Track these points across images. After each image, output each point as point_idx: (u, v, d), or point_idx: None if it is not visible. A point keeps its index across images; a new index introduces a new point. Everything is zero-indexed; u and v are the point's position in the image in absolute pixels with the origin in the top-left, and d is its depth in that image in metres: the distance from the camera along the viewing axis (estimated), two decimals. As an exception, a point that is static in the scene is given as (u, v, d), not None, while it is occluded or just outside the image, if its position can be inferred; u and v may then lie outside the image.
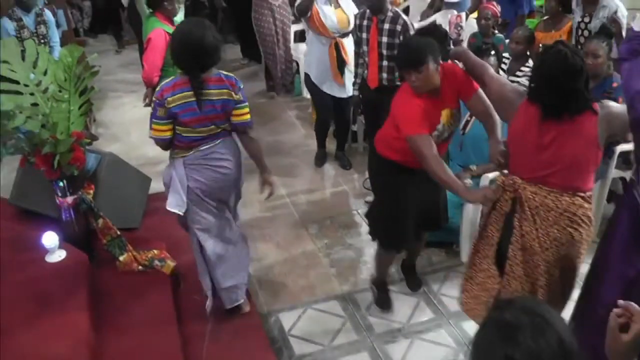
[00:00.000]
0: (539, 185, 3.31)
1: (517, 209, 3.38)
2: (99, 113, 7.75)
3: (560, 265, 3.40)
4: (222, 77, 3.76)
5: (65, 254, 4.09)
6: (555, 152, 3.23)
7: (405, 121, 3.72)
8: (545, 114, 3.21)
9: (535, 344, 1.56)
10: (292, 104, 8.07)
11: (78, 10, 11.58)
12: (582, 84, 3.16)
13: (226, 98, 3.76)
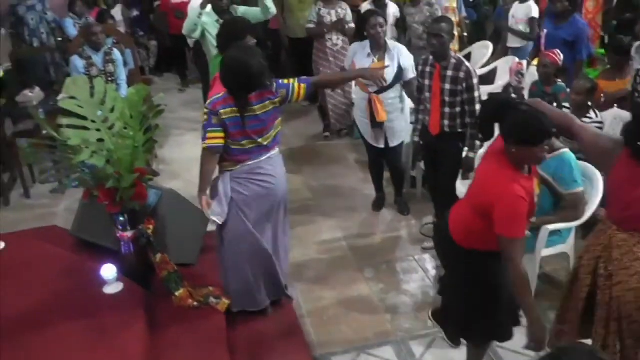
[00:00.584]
0: (630, 233, 3.23)
1: (605, 254, 3.31)
2: (160, 150, 7.88)
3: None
4: (267, 90, 4.15)
5: (122, 286, 4.15)
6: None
7: (509, 221, 3.26)
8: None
9: None
10: (351, 147, 8.08)
11: (145, 49, 11.86)
12: None
13: (271, 109, 4.19)
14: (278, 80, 4.23)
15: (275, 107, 4.19)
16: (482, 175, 3.57)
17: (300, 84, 4.24)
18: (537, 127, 3.21)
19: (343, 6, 7.96)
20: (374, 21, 5.74)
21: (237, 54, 4.10)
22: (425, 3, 8.11)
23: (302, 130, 8.63)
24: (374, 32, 5.75)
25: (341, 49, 7.95)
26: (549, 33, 7.25)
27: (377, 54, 5.82)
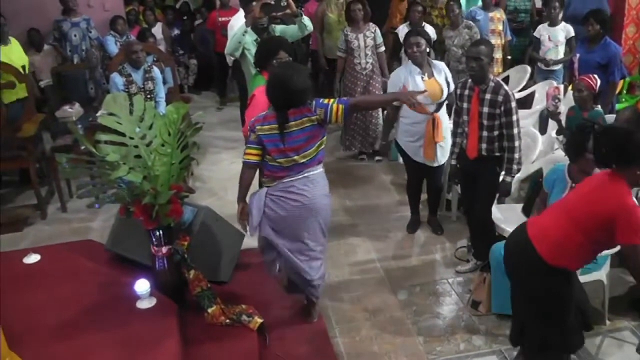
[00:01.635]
0: None
1: None
2: (197, 167, 7.94)
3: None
4: (304, 107, 4.23)
5: (155, 301, 4.18)
6: None
7: (634, 229, 3.40)
8: None
9: None
10: (387, 168, 8.07)
11: (184, 68, 12.03)
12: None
13: (308, 126, 4.26)
14: (318, 100, 4.29)
15: (313, 124, 4.23)
16: (595, 187, 3.62)
17: (339, 104, 4.27)
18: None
19: (372, 28, 7.96)
20: (412, 40, 5.79)
21: (283, 69, 4.36)
22: (464, 26, 8.12)
23: (337, 149, 8.64)
24: (410, 51, 5.79)
25: (370, 72, 7.97)
26: (582, 57, 7.21)
27: (425, 72, 5.86)
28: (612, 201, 3.46)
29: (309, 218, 4.46)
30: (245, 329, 4.38)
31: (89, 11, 9.79)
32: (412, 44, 5.78)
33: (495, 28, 8.58)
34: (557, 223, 3.68)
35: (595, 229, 3.51)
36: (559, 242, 3.64)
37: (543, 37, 8.19)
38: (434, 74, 5.86)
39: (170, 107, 4.49)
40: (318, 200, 4.45)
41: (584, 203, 3.61)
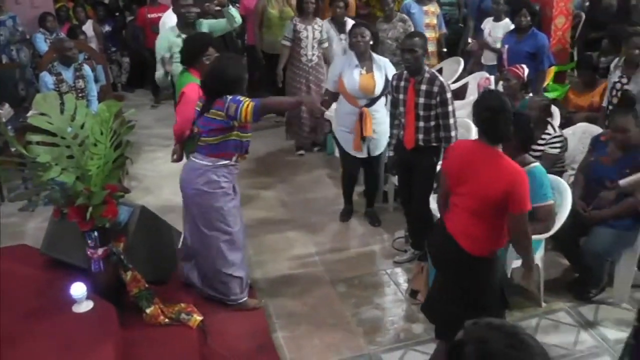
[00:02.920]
0: None
1: None
2: (132, 166, 7.83)
3: None
4: (220, 100, 4.36)
5: (92, 304, 4.10)
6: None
7: (525, 197, 3.62)
8: None
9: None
10: (324, 162, 8.10)
11: (117, 65, 11.84)
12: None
13: (216, 118, 4.41)
14: (235, 96, 4.37)
15: (221, 119, 4.40)
16: (485, 175, 3.68)
17: (250, 103, 4.33)
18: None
19: (319, 22, 8.00)
20: (357, 31, 5.84)
21: (222, 59, 4.62)
22: (398, 19, 8.18)
23: (274, 145, 8.63)
24: (355, 40, 5.83)
25: (316, 65, 8.01)
26: (511, 48, 7.36)
27: (365, 65, 5.89)
28: (506, 178, 3.60)
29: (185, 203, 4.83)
30: (184, 328, 4.36)
31: (17, 8, 9.60)
32: (357, 34, 5.84)
33: (430, 22, 8.67)
34: (464, 219, 3.78)
35: (497, 209, 3.65)
36: (473, 234, 3.75)
37: (485, 31, 8.31)
38: (373, 69, 5.90)
39: (102, 106, 4.42)
40: (184, 186, 4.72)
41: (481, 191, 3.68)
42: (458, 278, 3.90)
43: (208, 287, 4.89)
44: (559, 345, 4.60)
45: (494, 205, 3.65)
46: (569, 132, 6.03)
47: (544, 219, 4.64)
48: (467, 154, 3.84)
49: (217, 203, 4.62)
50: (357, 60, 5.89)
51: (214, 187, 4.59)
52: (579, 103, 6.35)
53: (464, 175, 3.79)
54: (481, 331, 1.72)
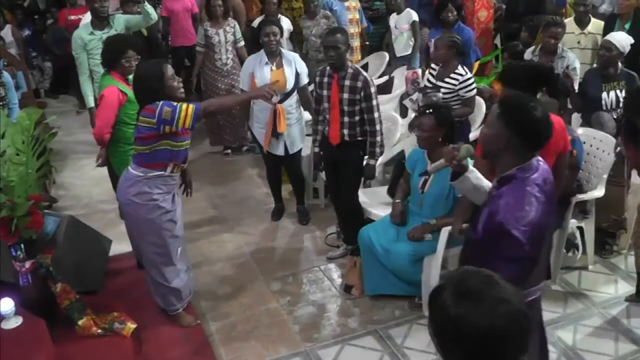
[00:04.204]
0: None
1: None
2: (58, 175, 7.70)
3: None
4: (150, 106, 4.13)
5: (22, 319, 4.02)
6: None
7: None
8: None
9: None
10: (253, 161, 8.08)
11: (39, 71, 11.58)
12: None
13: (145, 126, 4.15)
14: (169, 101, 4.13)
15: (150, 127, 4.12)
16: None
17: (189, 106, 4.13)
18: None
19: (231, 24, 7.94)
20: (267, 30, 5.84)
21: (142, 69, 4.37)
22: (322, 16, 8.22)
23: (202, 147, 8.56)
24: (267, 39, 5.84)
25: (231, 68, 7.96)
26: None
27: (274, 62, 5.90)
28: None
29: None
30: (118, 337, 4.32)
31: None
32: (267, 33, 5.84)
33: (352, 17, 8.75)
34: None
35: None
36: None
37: (391, 25, 8.44)
38: (283, 64, 5.92)
39: (22, 113, 4.36)
40: (118, 195, 4.53)
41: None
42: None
43: (153, 292, 4.75)
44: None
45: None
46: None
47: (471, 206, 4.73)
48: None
49: (148, 215, 4.36)
50: (266, 57, 5.91)
51: (145, 198, 4.31)
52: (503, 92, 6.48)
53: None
54: (459, 274, 1.86)
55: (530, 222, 2.68)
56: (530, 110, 2.80)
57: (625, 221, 5.53)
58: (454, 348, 1.77)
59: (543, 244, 2.85)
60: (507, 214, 2.70)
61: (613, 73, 5.43)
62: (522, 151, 2.83)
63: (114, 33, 6.27)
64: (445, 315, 1.76)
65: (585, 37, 6.93)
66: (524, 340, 1.75)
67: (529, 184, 2.78)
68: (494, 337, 1.71)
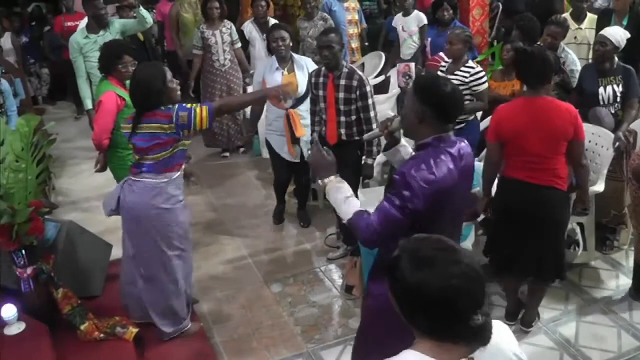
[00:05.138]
0: None
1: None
2: (58, 181, 7.71)
3: None
4: (157, 111, 4.04)
5: (24, 325, 4.03)
6: None
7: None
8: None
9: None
10: (251, 164, 8.10)
11: (37, 78, 11.58)
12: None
13: (154, 132, 4.05)
14: (181, 104, 4.10)
15: (158, 132, 4.05)
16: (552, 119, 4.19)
17: (202, 107, 4.09)
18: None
19: (227, 25, 7.93)
20: (276, 35, 5.83)
21: (138, 69, 4.33)
22: (319, 17, 8.22)
23: (200, 150, 8.56)
24: (275, 45, 5.82)
25: (229, 69, 7.96)
26: (433, 41, 7.49)
27: (286, 67, 5.89)
28: (566, 115, 4.19)
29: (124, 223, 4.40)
30: (121, 341, 4.31)
31: None
32: (276, 38, 5.82)
33: (352, 18, 8.77)
34: (548, 164, 4.30)
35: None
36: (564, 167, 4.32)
37: (399, 27, 8.40)
38: (295, 69, 5.91)
39: (20, 120, 4.36)
40: (139, 209, 4.23)
41: (553, 132, 4.22)
42: (556, 216, 4.38)
43: (156, 316, 4.52)
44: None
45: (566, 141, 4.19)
46: (492, 119, 6.16)
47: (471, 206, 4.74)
48: (520, 113, 4.27)
49: (178, 218, 4.34)
50: (277, 63, 5.89)
51: (174, 201, 4.28)
52: (500, 92, 6.47)
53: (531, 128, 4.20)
54: (412, 243, 1.97)
55: (430, 181, 2.86)
56: (440, 86, 2.98)
57: (625, 216, 5.53)
58: (416, 312, 1.90)
59: (446, 210, 3.01)
60: (412, 169, 2.90)
61: (609, 68, 5.42)
62: (437, 123, 3.01)
63: (109, 36, 6.39)
64: (405, 283, 1.88)
65: (581, 32, 6.93)
66: (479, 295, 1.87)
67: (442, 151, 2.98)
68: (451, 296, 1.82)
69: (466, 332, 1.86)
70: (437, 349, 1.89)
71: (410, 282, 1.86)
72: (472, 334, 1.86)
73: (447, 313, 1.84)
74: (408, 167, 2.92)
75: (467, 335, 1.87)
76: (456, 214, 3.17)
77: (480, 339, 1.88)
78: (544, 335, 4.63)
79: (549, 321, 4.78)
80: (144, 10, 6.52)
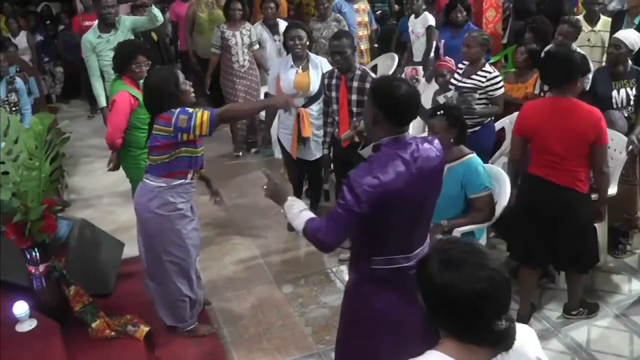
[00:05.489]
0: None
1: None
2: (70, 179, 7.73)
3: None
4: (166, 114, 4.03)
5: (36, 322, 4.05)
6: None
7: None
8: None
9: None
10: (263, 164, 8.10)
11: (51, 76, 11.62)
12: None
13: (161, 134, 4.05)
14: (184, 108, 4.05)
15: (166, 135, 4.03)
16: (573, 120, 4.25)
17: (204, 112, 4.03)
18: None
19: (247, 27, 7.97)
20: (292, 33, 5.85)
21: (151, 74, 4.35)
22: (332, 19, 8.22)
23: (212, 150, 8.55)
24: (292, 43, 5.84)
25: (248, 69, 8.01)
26: (447, 42, 7.47)
27: (300, 65, 5.90)
28: (588, 117, 4.23)
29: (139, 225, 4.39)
30: (132, 340, 4.33)
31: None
32: (293, 37, 5.84)
33: (361, 20, 8.74)
34: (566, 165, 4.35)
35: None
36: (585, 171, 4.36)
37: (409, 29, 8.40)
38: (309, 67, 5.92)
39: (35, 118, 4.37)
40: (138, 209, 4.29)
41: (573, 136, 4.26)
42: (575, 216, 4.41)
43: (160, 309, 4.57)
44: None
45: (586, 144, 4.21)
46: (506, 122, 6.13)
47: (483, 209, 4.72)
48: (543, 111, 4.38)
49: (174, 226, 4.26)
50: (292, 61, 5.91)
51: (170, 209, 4.21)
52: (514, 94, 6.45)
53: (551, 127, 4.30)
54: (442, 245, 2.05)
55: (374, 185, 2.88)
56: (393, 89, 3.00)
57: (637, 220, 5.51)
58: (442, 311, 1.96)
59: (402, 212, 3.04)
60: (359, 172, 2.95)
61: (622, 71, 5.39)
62: (389, 126, 3.04)
63: (120, 34, 6.48)
64: (432, 283, 1.95)
65: (595, 35, 6.91)
66: (503, 300, 1.94)
67: (392, 154, 3.00)
68: (476, 300, 1.88)
69: (489, 336, 1.91)
70: (461, 350, 1.94)
71: (438, 282, 1.93)
72: (496, 338, 1.92)
73: (471, 316, 1.90)
74: (355, 171, 2.97)
75: (490, 339, 1.92)
76: (417, 215, 3.17)
77: (504, 343, 1.93)
78: (556, 340, 4.61)
79: (561, 325, 4.76)
80: (155, 8, 6.57)
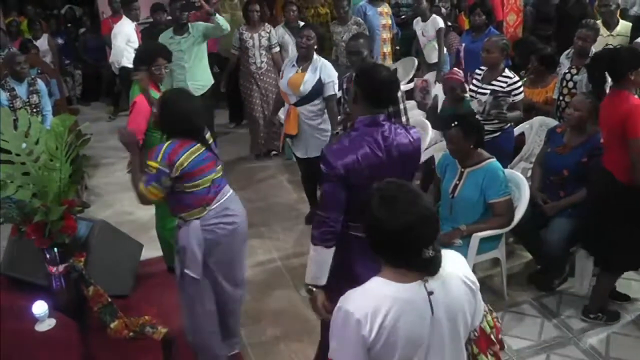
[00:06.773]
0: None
1: None
2: (90, 180, 7.78)
3: None
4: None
5: (55, 322, 4.06)
6: None
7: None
8: None
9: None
10: (283, 167, 8.12)
11: (71, 78, 11.70)
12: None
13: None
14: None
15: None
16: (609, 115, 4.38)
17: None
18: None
19: (267, 29, 8.02)
20: (303, 32, 6.00)
21: (175, 100, 4.09)
22: (353, 22, 8.23)
23: (231, 153, 8.59)
24: (299, 40, 5.99)
25: (266, 71, 8.10)
26: (468, 46, 7.46)
27: (302, 65, 5.99)
28: (621, 109, 4.21)
29: (242, 241, 4.33)
30: (150, 341, 4.31)
31: (-35, 25, 9.46)
32: (302, 36, 5.96)
33: (385, 22, 8.75)
34: (613, 154, 4.44)
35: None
36: (625, 160, 4.27)
37: (418, 32, 8.43)
38: (308, 68, 5.98)
39: (56, 120, 4.36)
40: (244, 220, 4.31)
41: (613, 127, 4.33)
42: (618, 205, 4.44)
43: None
44: (524, 337, 4.68)
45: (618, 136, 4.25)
46: (525, 127, 6.11)
47: (503, 214, 4.71)
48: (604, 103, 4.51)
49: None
50: (296, 60, 6.06)
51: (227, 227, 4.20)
52: (534, 99, 6.43)
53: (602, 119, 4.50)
54: (382, 185, 2.36)
55: (347, 163, 3.25)
56: (375, 72, 3.38)
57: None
58: (379, 242, 2.31)
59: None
60: (333, 147, 3.38)
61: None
62: (367, 105, 3.36)
63: (191, 38, 6.97)
64: (371, 216, 2.29)
65: (614, 39, 6.86)
66: (431, 233, 2.25)
67: (366, 134, 3.33)
68: (406, 231, 2.21)
69: (418, 262, 2.26)
70: (396, 274, 2.30)
71: (376, 216, 2.27)
72: (423, 265, 2.27)
73: (402, 245, 2.25)
74: (329, 148, 3.42)
75: (418, 265, 2.27)
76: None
77: (431, 269, 2.29)
78: (574, 346, 4.58)
79: (578, 332, 4.72)
80: (220, 17, 6.89)
